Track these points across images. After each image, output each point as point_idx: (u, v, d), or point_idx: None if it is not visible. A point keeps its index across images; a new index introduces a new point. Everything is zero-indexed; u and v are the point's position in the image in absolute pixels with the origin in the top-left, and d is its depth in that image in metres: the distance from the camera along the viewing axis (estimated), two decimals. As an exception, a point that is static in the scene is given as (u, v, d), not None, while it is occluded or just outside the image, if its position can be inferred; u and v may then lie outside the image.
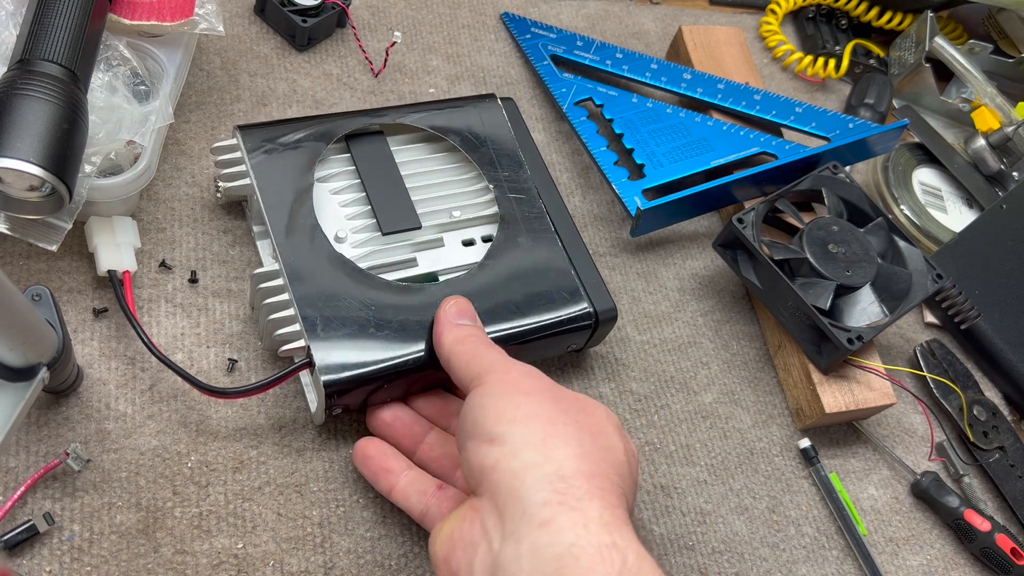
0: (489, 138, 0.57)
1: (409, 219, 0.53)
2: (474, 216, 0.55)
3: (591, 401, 0.43)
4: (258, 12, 0.65)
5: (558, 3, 0.77)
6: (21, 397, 0.40)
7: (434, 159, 0.57)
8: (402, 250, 0.53)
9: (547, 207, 0.55)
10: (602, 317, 0.53)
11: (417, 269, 0.52)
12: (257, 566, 0.46)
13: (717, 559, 0.54)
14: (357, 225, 0.52)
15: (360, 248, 0.52)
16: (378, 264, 0.51)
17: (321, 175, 0.53)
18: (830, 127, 0.69)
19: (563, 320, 0.52)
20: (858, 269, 0.57)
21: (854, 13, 0.85)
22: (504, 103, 0.59)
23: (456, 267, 0.53)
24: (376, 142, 0.55)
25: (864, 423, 0.62)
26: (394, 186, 0.54)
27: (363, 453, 0.48)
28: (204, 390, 0.46)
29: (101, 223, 0.50)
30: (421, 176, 0.56)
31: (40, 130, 0.43)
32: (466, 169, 0.57)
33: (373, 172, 0.54)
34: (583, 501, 0.36)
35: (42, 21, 0.46)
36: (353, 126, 0.55)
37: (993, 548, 0.57)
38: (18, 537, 0.42)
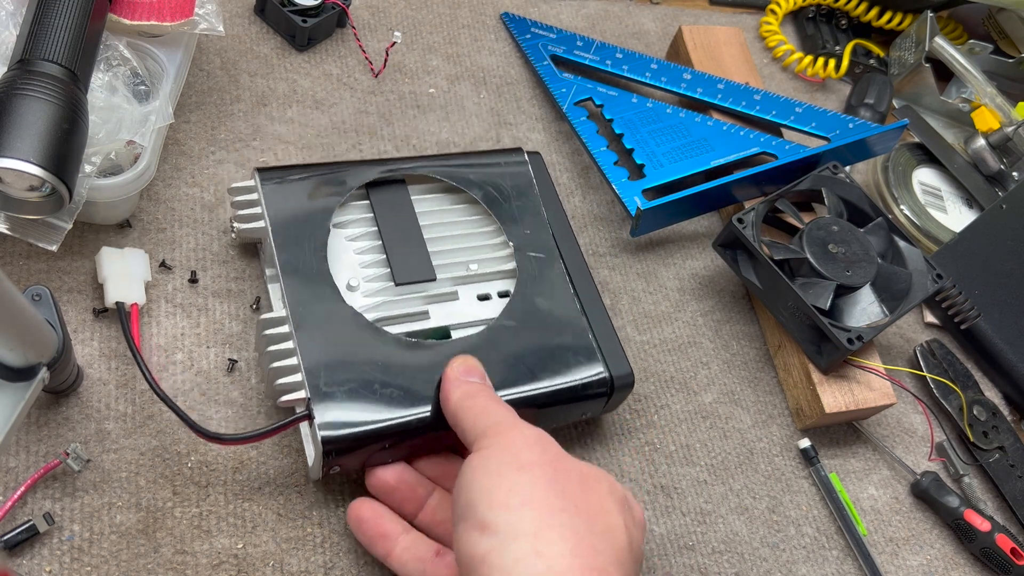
0: (513, 193, 0.55)
1: (424, 270, 0.52)
2: (491, 271, 0.54)
3: (594, 472, 0.40)
4: (258, 12, 0.65)
5: (558, 3, 0.77)
6: (21, 397, 0.40)
7: (455, 210, 0.56)
8: (415, 302, 0.51)
9: (568, 267, 0.54)
10: (618, 384, 0.51)
11: (429, 322, 0.51)
12: (257, 566, 0.46)
13: (717, 559, 0.54)
14: (370, 274, 0.51)
15: (372, 298, 0.50)
16: (389, 315, 0.50)
17: (338, 221, 0.52)
18: (830, 127, 0.70)
19: (578, 386, 0.50)
20: (858, 269, 0.57)
21: (854, 13, 0.85)
22: (531, 157, 0.58)
23: (469, 322, 0.51)
24: (397, 191, 0.54)
25: (864, 423, 0.62)
26: (411, 236, 0.52)
27: (357, 516, 0.45)
28: (201, 435, 0.44)
29: (112, 254, 0.49)
30: (440, 227, 0.54)
31: (40, 130, 0.43)
32: (487, 222, 0.56)
33: (391, 221, 0.53)
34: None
35: (42, 21, 0.46)
36: (375, 174, 0.53)
37: (993, 548, 0.57)
38: (18, 537, 0.42)
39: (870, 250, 0.59)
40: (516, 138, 0.67)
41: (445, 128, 0.65)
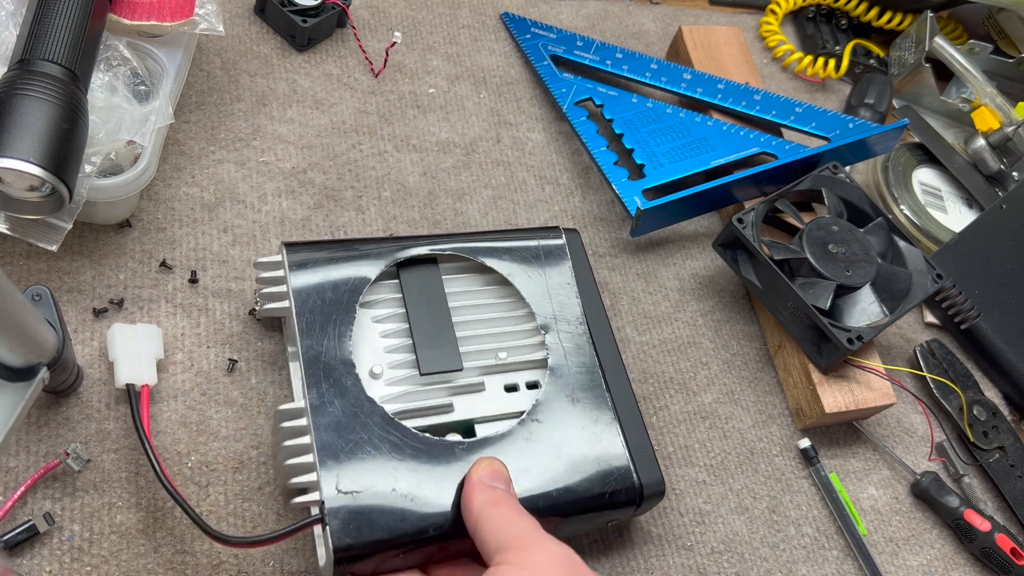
0: (548, 277, 0.53)
1: (451, 360, 0.49)
2: (521, 360, 0.51)
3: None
4: (258, 12, 0.65)
5: (558, 3, 0.77)
6: (21, 397, 0.40)
7: (486, 292, 0.53)
8: (439, 393, 0.49)
9: (601, 360, 0.51)
10: (648, 492, 0.48)
11: (453, 415, 0.48)
12: (257, 566, 0.45)
13: (717, 559, 0.54)
14: (395, 360, 0.49)
15: (395, 387, 0.48)
16: (412, 408, 0.48)
17: (366, 300, 0.50)
18: (830, 127, 0.70)
19: (606, 494, 0.47)
20: (858, 269, 0.57)
21: (854, 13, 0.85)
22: (568, 235, 0.55)
23: (495, 415, 0.49)
24: (428, 271, 0.52)
25: (864, 423, 0.62)
26: (440, 321, 0.50)
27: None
28: (213, 537, 0.42)
29: (123, 331, 0.47)
30: (470, 310, 0.52)
31: (40, 130, 0.43)
32: (518, 306, 0.53)
33: (420, 304, 0.50)
34: None
35: (42, 21, 0.46)
36: (407, 254, 0.51)
37: (993, 548, 0.57)
38: (18, 537, 0.42)
39: (870, 250, 0.59)
40: (516, 138, 0.67)
41: (445, 128, 0.65)
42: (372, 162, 0.62)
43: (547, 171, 0.66)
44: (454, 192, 0.63)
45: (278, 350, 0.52)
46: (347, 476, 0.42)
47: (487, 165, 0.65)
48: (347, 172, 0.60)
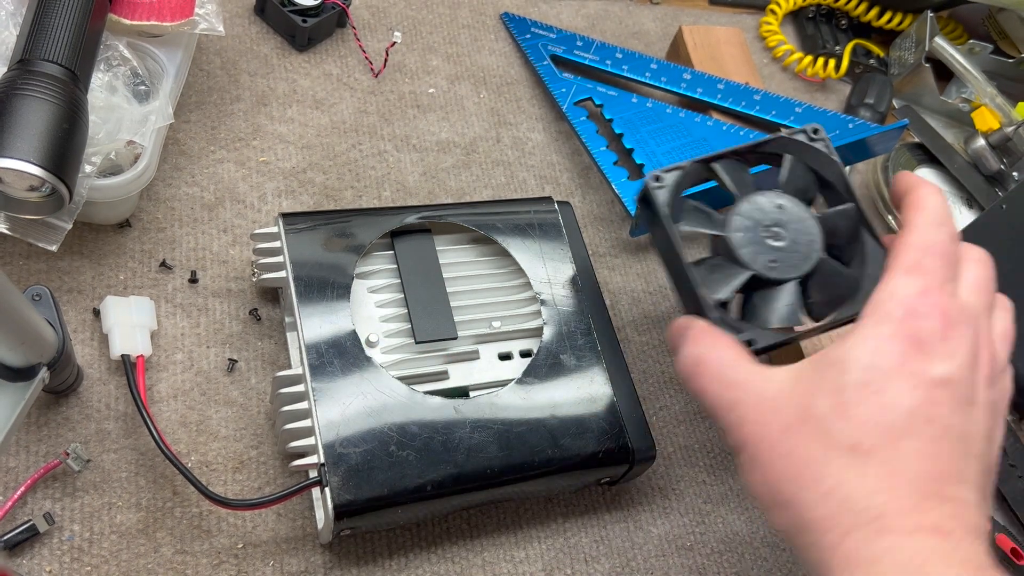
0: (541, 246, 0.54)
1: (446, 328, 0.50)
2: (515, 328, 0.52)
3: None
4: (258, 12, 0.65)
5: (558, 3, 0.77)
6: (21, 397, 0.40)
7: (481, 263, 0.54)
8: (434, 361, 0.50)
9: (595, 326, 0.52)
10: (639, 456, 0.49)
11: (448, 382, 0.50)
12: (257, 566, 0.46)
13: (717, 559, 0.54)
14: (391, 329, 0.50)
15: (390, 355, 0.49)
16: (408, 375, 0.48)
17: (361, 271, 0.51)
18: (830, 127, 0.69)
19: (598, 454, 0.48)
20: (789, 260, 0.45)
21: (854, 13, 0.85)
22: (561, 207, 0.56)
23: (489, 383, 0.50)
24: (422, 241, 0.53)
25: (864, 423, 0.62)
26: (434, 290, 0.51)
27: None
28: (212, 500, 0.43)
29: (117, 303, 0.48)
30: (465, 280, 0.53)
31: (40, 130, 0.43)
32: (513, 276, 0.54)
33: (415, 274, 0.51)
34: None
35: (42, 21, 0.46)
36: (401, 222, 0.52)
37: (993, 548, 0.57)
38: (18, 537, 0.42)
39: (815, 241, 0.46)
40: (516, 138, 0.67)
41: (445, 128, 0.65)
42: (372, 162, 0.62)
43: (547, 171, 0.66)
44: (454, 192, 0.63)
45: (278, 350, 0.52)
46: (346, 437, 0.44)
47: (487, 165, 0.65)
48: (347, 172, 0.61)
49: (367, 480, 0.43)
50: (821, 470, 0.35)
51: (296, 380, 0.46)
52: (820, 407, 0.36)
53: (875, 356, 0.36)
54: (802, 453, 0.36)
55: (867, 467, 0.35)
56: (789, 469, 0.36)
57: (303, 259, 0.49)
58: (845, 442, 0.35)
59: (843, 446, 0.35)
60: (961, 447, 0.36)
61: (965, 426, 0.36)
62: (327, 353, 0.46)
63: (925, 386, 0.36)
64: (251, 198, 0.57)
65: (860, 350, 0.37)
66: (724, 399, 0.39)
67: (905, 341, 0.36)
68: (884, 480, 0.34)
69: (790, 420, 0.37)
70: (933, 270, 0.39)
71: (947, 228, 0.41)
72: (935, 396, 0.36)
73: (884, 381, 0.36)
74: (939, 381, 0.36)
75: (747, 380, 0.39)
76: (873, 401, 0.36)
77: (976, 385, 0.37)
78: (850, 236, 0.48)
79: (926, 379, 0.36)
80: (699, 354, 0.40)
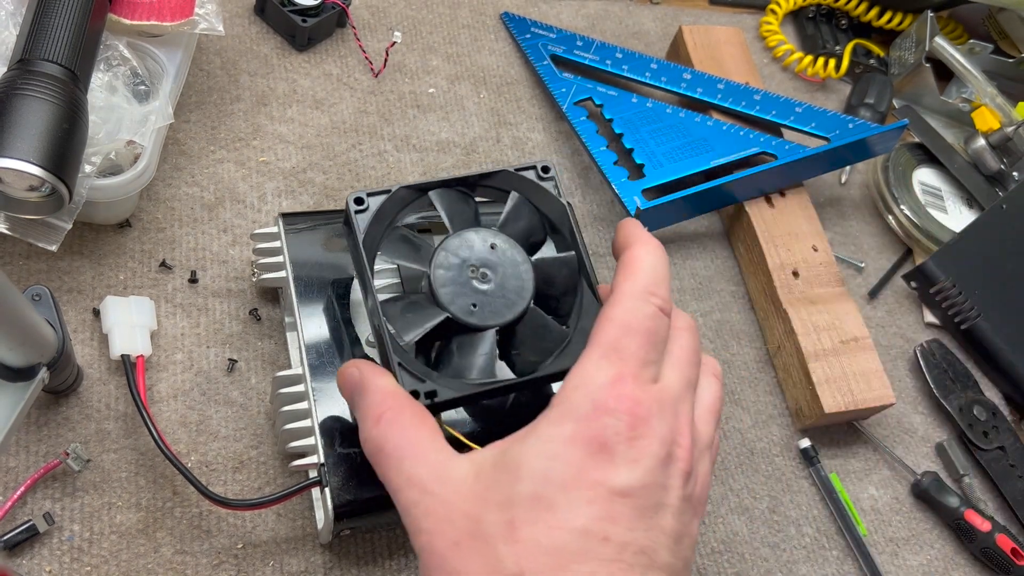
0: None
1: None
2: None
3: None
4: (258, 12, 0.65)
5: (558, 3, 0.77)
6: (21, 397, 0.40)
7: None
8: None
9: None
10: None
11: None
12: (257, 566, 0.45)
13: (716, 559, 0.54)
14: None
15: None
16: None
17: None
18: (830, 127, 0.69)
19: None
20: (492, 306, 0.41)
21: (854, 13, 0.85)
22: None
23: None
24: None
25: (864, 423, 0.62)
26: None
27: None
28: (212, 500, 0.43)
29: (117, 303, 0.48)
30: None
31: (40, 130, 0.43)
32: None
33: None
34: None
35: (42, 21, 0.46)
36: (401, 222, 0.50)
37: (993, 548, 0.57)
38: (18, 537, 0.42)
39: (525, 289, 0.42)
40: (516, 138, 0.67)
41: (445, 128, 0.65)
42: (372, 162, 0.62)
43: (547, 171, 0.66)
44: (454, 192, 0.62)
45: (278, 350, 0.52)
46: (346, 436, 0.43)
47: (487, 165, 0.65)
48: (347, 172, 0.60)
49: (367, 480, 0.43)
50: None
51: (296, 380, 0.46)
52: (489, 523, 0.33)
53: (551, 464, 0.33)
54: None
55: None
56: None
57: (303, 259, 0.49)
58: (510, 570, 0.32)
59: (508, 574, 0.32)
60: (642, 562, 0.32)
61: (647, 538, 0.33)
62: (327, 353, 0.46)
63: (603, 499, 0.32)
64: (251, 198, 0.57)
65: (537, 455, 0.33)
66: (402, 498, 0.35)
67: (587, 445, 0.33)
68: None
69: (460, 535, 0.33)
70: (631, 353, 0.35)
71: (657, 298, 0.37)
72: (614, 510, 0.32)
73: (558, 495, 0.32)
74: (620, 491, 0.33)
75: (426, 478, 0.35)
76: (543, 520, 0.32)
77: (667, 487, 0.34)
78: (568, 286, 0.44)
79: (605, 490, 0.32)
80: (377, 440, 0.37)
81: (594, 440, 0.33)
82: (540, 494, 0.33)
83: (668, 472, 0.34)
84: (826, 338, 0.61)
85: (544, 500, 0.32)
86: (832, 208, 0.73)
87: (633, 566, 0.32)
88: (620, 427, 0.33)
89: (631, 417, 0.34)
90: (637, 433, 0.33)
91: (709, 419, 0.38)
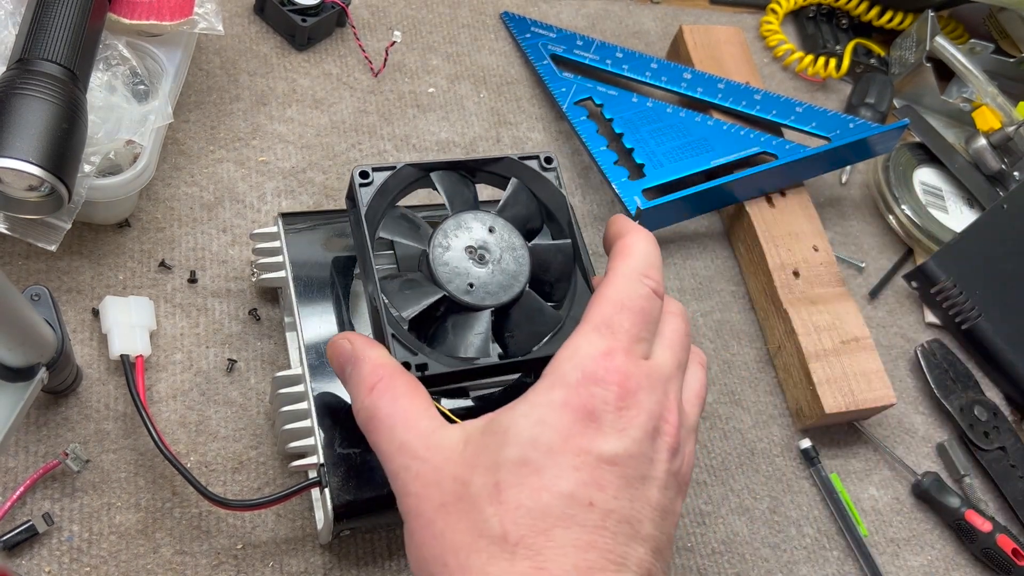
0: None
1: None
2: None
3: None
4: (258, 12, 0.65)
5: (558, 2, 0.77)
6: (20, 397, 0.40)
7: None
8: None
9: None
10: None
11: None
12: (257, 566, 0.45)
13: (717, 560, 0.54)
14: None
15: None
16: None
17: None
18: (830, 127, 0.69)
19: None
20: (488, 287, 0.42)
21: (855, 12, 0.84)
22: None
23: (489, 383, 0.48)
24: None
25: (865, 423, 0.62)
26: None
27: None
28: (212, 500, 0.43)
29: (116, 303, 0.48)
30: None
31: (39, 130, 0.42)
32: None
33: None
34: None
35: (41, 21, 0.46)
36: None
37: (994, 549, 0.57)
38: (17, 537, 0.42)
39: (522, 273, 0.43)
40: (516, 138, 0.67)
41: (445, 128, 0.65)
42: (372, 162, 0.62)
43: (547, 171, 0.66)
44: (454, 192, 0.62)
45: (278, 350, 0.52)
46: (346, 436, 0.43)
47: (487, 165, 0.65)
48: (347, 172, 0.60)
49: (367, 481, 0.43)
50: (466, 560, 0.32)
51: (296, 380, 0.46)
52: (476, 486, 0.33)
53: (539, 429, 0.33)
54: (452, 537, 0.33)
55: (513, 561, 0.31)
56: (439, 553, 0.33)
57: (303, 259, 0.49)
58: (495, 531, 0.32)
59: (492, 535, 0.32)
60: (625, 531, 0.32)
61: (632, 508, 0.33)
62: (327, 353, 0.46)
63: (590, 466, 0.32)
64: (250, 198, 0.57)
65: (525, 420, 0.34)
66: (393, 464, 0.35)
67: (576, 412, 0.33)
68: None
69: (447, 497, 0.33)
70: (624, 329, 0.36)
71: (651, 280, 0.38)
72: (600, 477, 0.32)
73: (544, 459, 0.33)
74: (607, 459, 0.33)
75: (416, 444, 0.35)
76: (529, 483, 0.32)
77: (654, 460, 0.34)
78: (562, 273, 0.45)
79: (592, 457, 0.33)
80: (370, 408, 0.37)
81: (582, 408, 0.33)
82: (527, 458, 0.33)
83: (655, 445, 0.34)
84: (827, 338, 0.60)
85: (531, 464, 0.33)
86: (833, 208, 0.73)
87: (617, 535, 0.32)
88: (609, 397, 0.34)
89: (620, 388, 0.34)
90: (625, 404, 0.34)
91: (695, 403, 0.39)
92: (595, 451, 0.33)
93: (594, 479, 0.32)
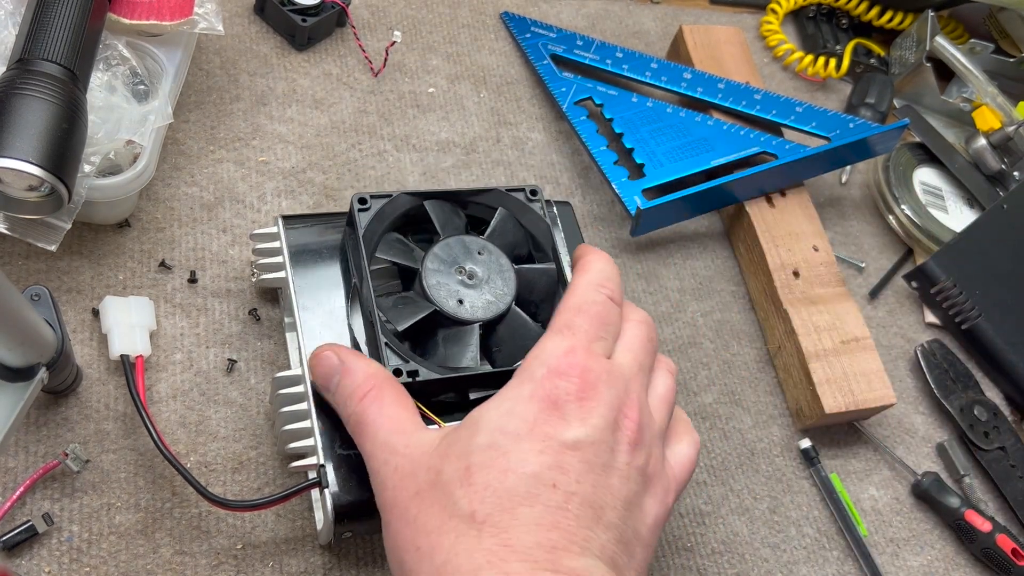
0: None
1: None
2: None
3: None
4: (258, 12, 0.65)
5: (558, 2, 0.77)
6: (20, 397, 0.40)
7: None
8: None
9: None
10: None
11: None
12: (256, 567, 0.45)
13: (716, 560, 0.54)
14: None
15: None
16: None
17: None
18: (830, 127, 0.69)
19: None
20: (477, 304, 0.46)
21: (855, 12, 0.84)
22: (560, 208, 0.54)
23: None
24: None
25: (865, 423, 0.62)
26: None
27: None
28: (211, 500, 0.43)
29: (116, 303, 0.48)
30: None
31: (39, 130, 0.42)
32: None
33: None
34: None
35: (41, 20, 0.46)
36: None
37: (994, 549, 0.57)
38: (17, 538, 0.42)
39: (508, 292, 0.47)
40: (516, 138, 0.67)
41: (445, 128, 0.65)
42: (372, 162, 0.62)
43: (547, 171, 0.66)
44: (454, 192, 0.62)
45: (277, 350, 0.52)
46: (346, 437, 0.43)
47: (487, 165, 0.65)
48: (347, 172, 0.60)
49: (367, 481, 0.43)
50: (437, 540, 0.34)
51: (296, 381, 0.46)
52: (448, 472, 0.35)
53: (507, 418, 0.36)
54: (424, 521, 0.35)
55: (480, 538, 0.33)
56: (411, 538, 0.35)
57: (303, 260, 0.49)
58: (464, 510, 0.34)
59: (462, 515, 0.34)
60: (588, 515, 0.34)
61: (595, 493, 0.35)
62: None
63: (554, 450, 0.35)
64: (250, 198, 0.57)
65: (496, 412, 0.37)
66: (375, 461, 0.38)
67: (541, 402, 0.36)
68: (494, 553, 0.32)
69: (421, 485, 0.36)
70: (583, 330, 0.39)
71: (607, 289, 0.42)
72: (563, 460, 0.35)
73: (511, 444, 0.35)
74: (569, 444, 0.35)
75: (397, 442, 0.38)
76: (496, 465, 0.34)
77: (615, 450, 0.36)
78: (547, 295, 0.49)
79: (556, 443, 0.35)
80: (360, 415, 0.40)
81: (547, 398, 0.36)
82: (495, 443, 0.35)
83: (616, 437, 0.37)
84: (827, 338, 0.61)
85: (498, 448, 0.35)
86: (833, 208, 0.73)
87: (580, 517, 0.34)
88: (571, 388, 0.37)
89: (581, 380, 0.37)
90: (586, 395, 0.37)
91: (662, 407, 0.41)
92: (558, 437, 0.35)
93: (557, 462, 0.35)
